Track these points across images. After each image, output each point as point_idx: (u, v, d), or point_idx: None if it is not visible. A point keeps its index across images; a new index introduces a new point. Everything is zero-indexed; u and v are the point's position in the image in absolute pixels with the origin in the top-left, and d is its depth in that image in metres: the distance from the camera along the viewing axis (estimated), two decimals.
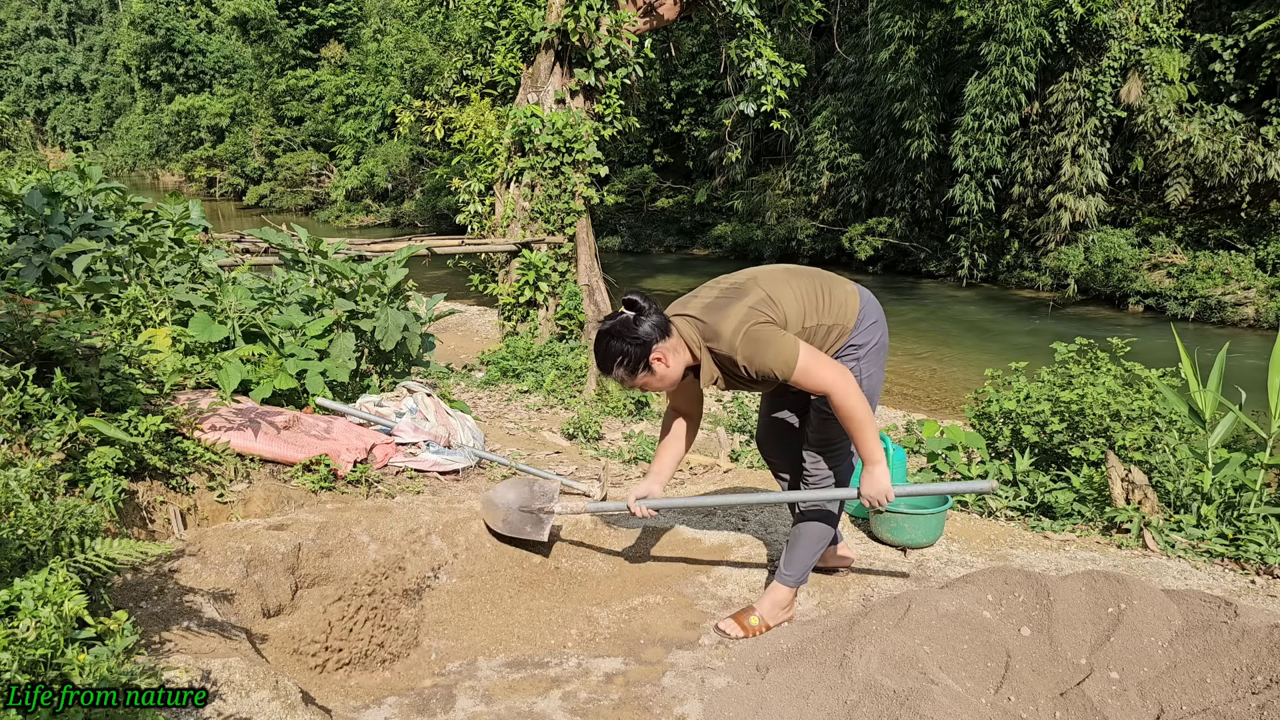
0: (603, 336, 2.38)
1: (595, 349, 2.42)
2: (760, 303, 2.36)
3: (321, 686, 2.26)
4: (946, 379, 11.28)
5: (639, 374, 2.38)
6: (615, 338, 2.36)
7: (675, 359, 2.39)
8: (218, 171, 39.01)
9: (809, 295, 2.44)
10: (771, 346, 2.29)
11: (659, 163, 25.52)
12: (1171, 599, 2.36)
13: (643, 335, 2.34)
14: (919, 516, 3.24)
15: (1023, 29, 14.61)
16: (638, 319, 2.36)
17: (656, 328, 2.35)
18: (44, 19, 58.79)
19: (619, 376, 2.40)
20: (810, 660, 2.32)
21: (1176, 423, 4.08)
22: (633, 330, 2.34)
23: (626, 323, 2.36)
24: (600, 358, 2.41)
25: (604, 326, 2.40)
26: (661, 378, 2.40)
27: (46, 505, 1.83)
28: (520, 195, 9.54)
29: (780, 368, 2.29)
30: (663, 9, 9.72)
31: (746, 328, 2.31)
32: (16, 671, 1.34)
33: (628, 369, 2.37)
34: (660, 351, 2.36)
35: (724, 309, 2.36)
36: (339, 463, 3.45)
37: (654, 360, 2.36)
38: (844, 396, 2.29)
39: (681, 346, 2.40)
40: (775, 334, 2.31)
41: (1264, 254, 14.48)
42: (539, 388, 7.44)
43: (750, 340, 2.30)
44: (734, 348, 2.32)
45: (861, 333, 2.51)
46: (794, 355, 2.28)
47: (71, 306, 3.64)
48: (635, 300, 2.37)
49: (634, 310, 2.37)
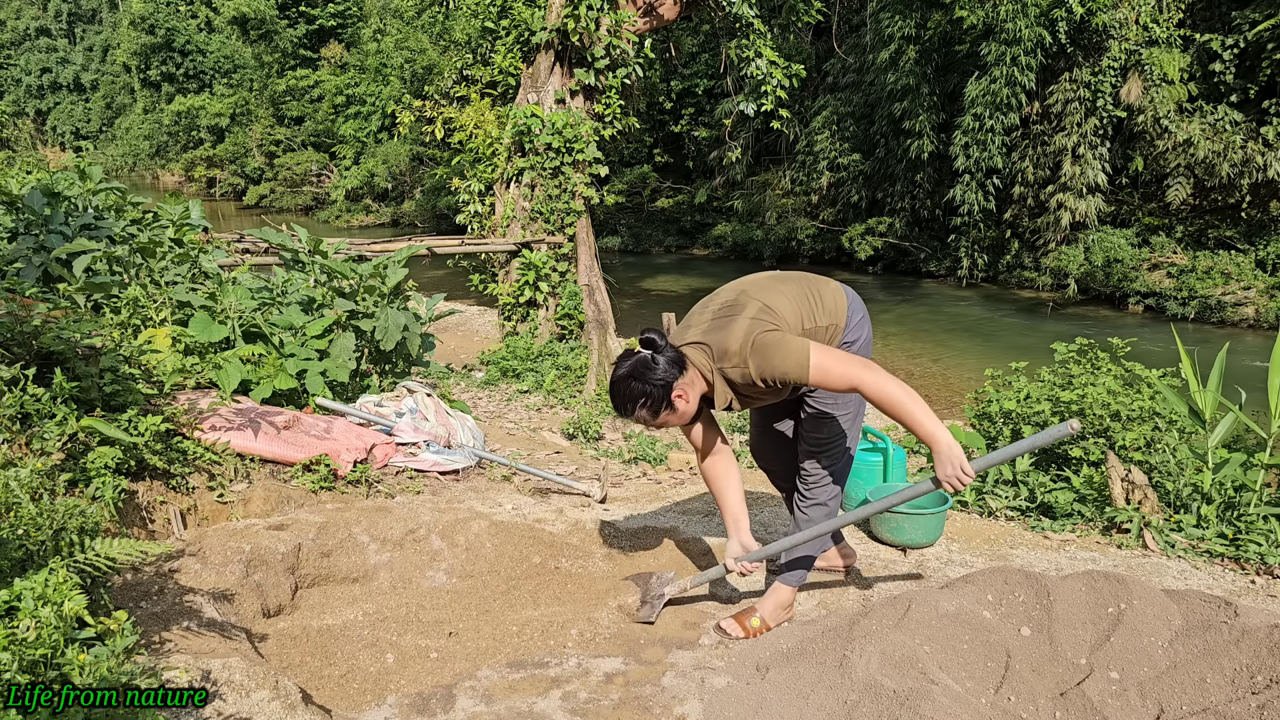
0: (623, 380, 2.33)
1: (614, 393, 2.37)
2: (760, 312, 2.35)
3: (320, 689, 2.26)
4: (946, 379, 11.29)
5: (661, 414, 2.35)
6: (635, 379, 2.31)
7: (693, 392, 2.37)
8: (218, 171, 39.00)
9: (801, 299, 2.44)
10: (780, 351, 2.26)
11: (659, 163, 25.52)
12: (1171, 599, 2.36)
13: (662, 375, 2.30)
14: (919, 516, 3.24)
15: (1023, 29, 14.61)
16: (654, 357, 2.31)
17: (674, 364, 2.32)
18: (44, 19, 58.79)
19: (642, 418, 2.35)
20: (810, 660, 2.32)
21: (1176, 423, 4.08)
22: (652, 370, 2.30)
23: (645, 363, 2.31)
24: (620, 401, 2.36)
25: (622, 370, 2.34)
26: (683, 414, 2.38)
27: (46, 505, 1.83)
28: (520, 195, 9.54)
29: (793, 370, 2.25)
30: (663, 9, 9.71)
31: (754, 338, 2.29)
32: (16, 671, 1.34)
33: (650, 410, 2.33)
34: (680, 388, 2.33)
35: (726, 327, 2.34)
36: (339, 463, 3.45)
37: (675, 398, 2.33)
38: (879, 387, 2.20)
39: (697, 377, 2.37)
40: (782, 338, 2.29)
41: (1264, 254, 14.48)
42: (539, 388, 7.44)
43: (759, 350, 2.28)
44: (745, 361, 2.29)
45: (852, 329, 2.52)
46: (805, 357, 2.24)
47: (71, 306, 3.64)
48: (653, 339, 2.34)
49: (651, 349, 2.33)
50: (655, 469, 4.99)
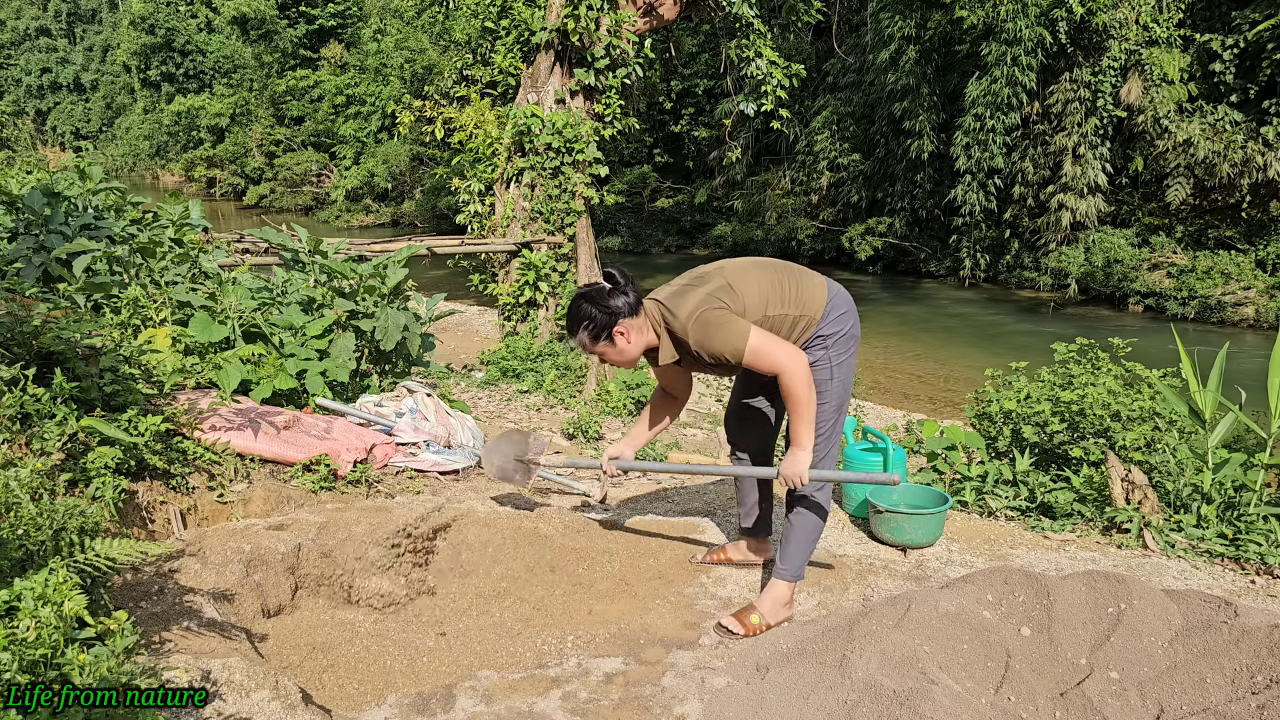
0: (577, 299, 2.52)
1: (568, 309, 2.55)
2: (719, 290, 2.47)
3: (320, 689, 2.26)
4: (946, 379, 11.28)
5: (600, 342, 2.51)
6: (588, 301, 2.49)
7: (637, 337, 2.52)
8: (218, 171, 39.00)
9: (774, 286, 2.53)
10: (720, 330, 2.40)
11: (659, 163, 25.53)
12: (1171, 599, 2.36)
13: (612, 306, 2.47)
14: (919, 516, 3.24)
15: (1023, 29, 14.61)
16: (613, 291, 2.49)
17: (628, 305, 2.49)
18: (44, 19, 58.78)
19: (581, 340, 2.53)
20: (810, 660, 2.32)
21: (1177, 423, 4.07)
22: (605, 300, 2.48)
23: (602, 291, 2.50)
24: (570, 318, 2.54)
25: (581, 290, 2.54)
26: (621, 351, 2.53)
27: (46, 505, 1.83)
28: (520, 195, 9.54)
29: (729, 351, 2.40)
30: (663, 9, 9.71)
31: (700, 313, 2.42)
32: (16, 671, 1.34)
33: (591, 334, 2.50)
34: (624, 326, 2.49)
35: (685, 295, 2.49)
36: (339, 463, 3.45)
37: (617, 333, 2.49)
38: (791, 377, 2.38)
39: (647, 327, 2.54)
40: (726, 319, 2.41)
41: (1264, 254, 14.48)
42: (539, 388, 7.44)
43: (700, 324, 2.42)
44: (686, 331, 2.44)
45: (829, 324, 2.57)
46: (742, 340, 2.39)
47: (71, 306, 3.64)
48: (614, 274, 2.52)
49: (611, 283, 2.51)
50: None
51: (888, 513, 3.28)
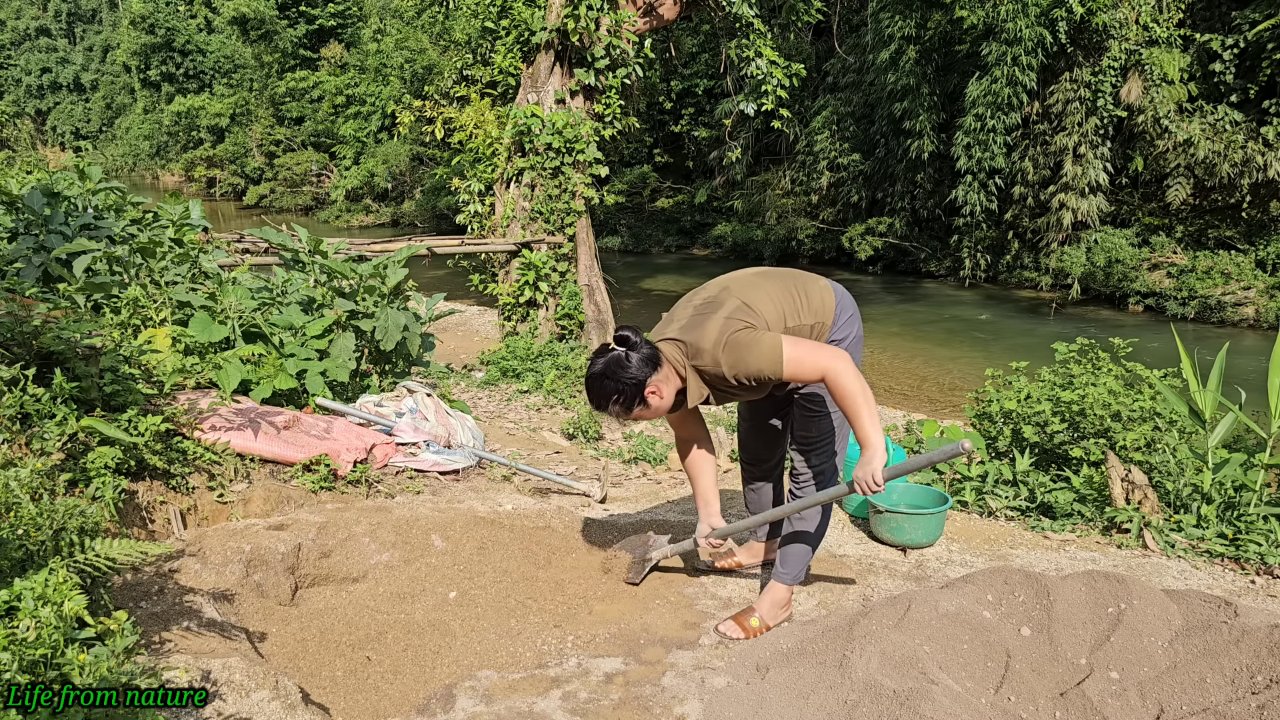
0: (596, 378, 2.36)
1: (589, 389, 2.40)
2: (736, 310, 2.36)
3: (321, 689, 2.26)
4: (946, 379, 11.28)
5: (635, 409, 2.38)
6: (608, 378, 2.34)
7: (667, 388, 2.39)
8: (218, 171, 38.98)
9: (785, 297, 2.45)
10: (754, 349, 2.28)
11: (659, 163, 25.51)
12: (1171, 599, 2.36)
13: (635, 372, 2.33)
14: (919, 516, 3.24)
15: (1023, 29, 14.61)
16: (628, 355, 2.34)
17: (647, 361, 2.34)
18: (44, 19, 58.76)
19: (614, 413, 2.39)
20: (810, 660, 2.32)
21: (1177, 423, 4.07)
22: (625, 368, 2.33)
23: (619, 360, 2.34)
24: (595, 397, 2.39)
25: (596, 368, 2.37)
26: (656, 409, 2.41)
27: (46, 505, 1.83)
28: (520, 195, 9.54)
29: (768, 366, 2.28)
30: (663, 9, 9.71)
31: (727, 337, 2.31)
32: (16, 671, 1.34)
33: (623, 406, 2.36)
34: (654, 385, 2.35)
35: (702, 325, 2.36)
36: (339, 463, 3.45)
37: (649, 394, 2.36)
38: (838, 376, 2.24)
39: (671, 374, 2.40)
40: (754, 336, 2.31)
41: (1264, 254, 14.47)
42: (539, 388, 7.44)
43: (731, 348, 2.30)
44: (718, 360, 2.32)
45: (840, 327, 2.52)
46: (777, 352, 2.26)
47: (71, 306, 3.64)
48: (627, 336, 2.36)
49: (624, 345, 2.35)
50: (655, 469, 4.99)
51: (888, 513, 3.28)
